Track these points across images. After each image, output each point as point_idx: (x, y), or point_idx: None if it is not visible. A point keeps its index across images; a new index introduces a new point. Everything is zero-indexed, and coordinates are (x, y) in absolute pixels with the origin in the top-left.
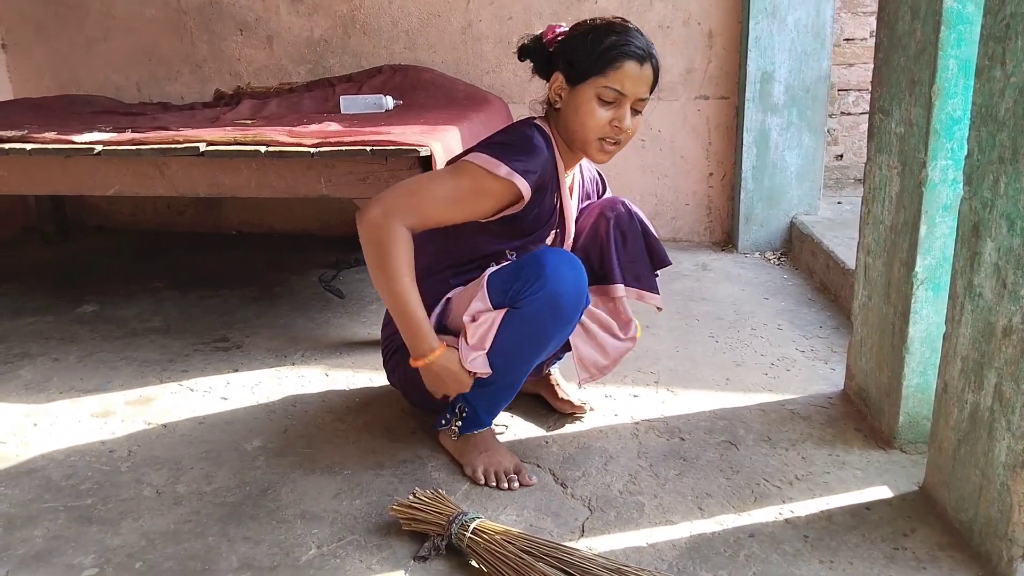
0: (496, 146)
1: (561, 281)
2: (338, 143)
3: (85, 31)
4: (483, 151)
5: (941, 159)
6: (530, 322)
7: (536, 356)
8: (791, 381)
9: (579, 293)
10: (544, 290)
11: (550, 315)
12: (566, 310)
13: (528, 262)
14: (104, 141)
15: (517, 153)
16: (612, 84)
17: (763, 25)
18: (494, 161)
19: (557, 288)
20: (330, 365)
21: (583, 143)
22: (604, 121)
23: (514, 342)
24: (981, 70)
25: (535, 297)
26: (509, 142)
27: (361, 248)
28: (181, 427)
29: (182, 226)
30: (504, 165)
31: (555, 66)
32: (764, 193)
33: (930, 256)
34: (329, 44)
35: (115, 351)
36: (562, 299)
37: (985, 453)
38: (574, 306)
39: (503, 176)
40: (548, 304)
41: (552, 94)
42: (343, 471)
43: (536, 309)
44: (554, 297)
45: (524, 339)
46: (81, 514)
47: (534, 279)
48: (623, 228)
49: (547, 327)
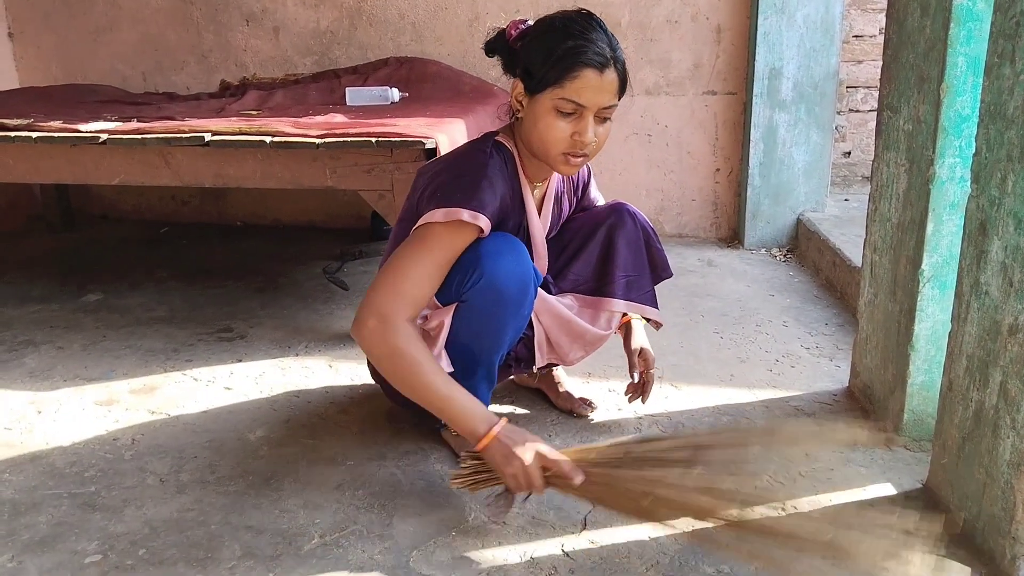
0: (449, 189)
1: (499, 268)
2: (343, 134)
3: (92, 21)
4: (439, 204)
5: (949, 157)
6: (479, 314)
7: (499, 344)
8: (795, 378)
9: (521, 277)
10: (482, 280)
11: (496, 304)
12: (511, 297)
13: (467, 254)
14: (110, 130)
15: (471, 189)
16: (569, 96)
17: (772, 21)
18: (453, 211)
19: (495, 276)
20: (334, 356)
21: (545, 157)
22: (565, 135)
23: (470, 336)
24: (990, 67)
25: (475, 288)
26: (460, 175)
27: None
28: (185, 416)
29: (187, 216)
30: (464, 210)
31: (517, 69)
32: (771, 190)
33: (937, 254)
34: (335, 35)
35: (119, 340)
36: (502, 286)
37: (989, 451)
38: (519, 291)
39: (468, 221)
40: (491, 293)
41: (513, 102)
42: (346, 462)
43: (480, 300)
44: (494, 286)
45: (479, 331)
46: (85, 501)
47: (472, 270)
48: (627, 237)
49: (496, 316)
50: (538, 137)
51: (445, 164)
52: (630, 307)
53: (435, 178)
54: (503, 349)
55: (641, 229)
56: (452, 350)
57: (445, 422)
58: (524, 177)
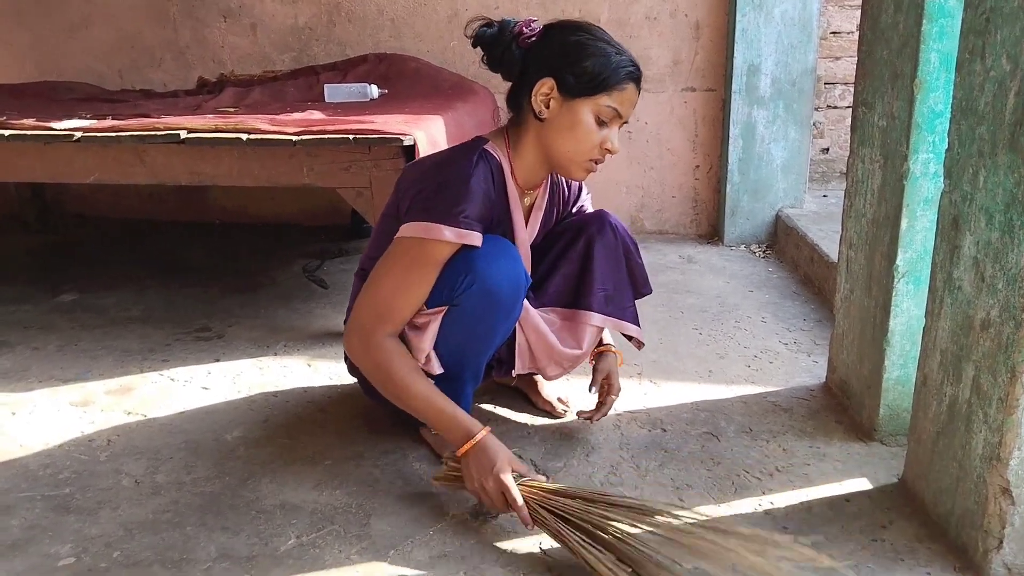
0: (430, 202)
1: (493, 273)
2: (321, 131)
3: (67, 17)
4: (419, 217)
5: (922, 152)
6: (471, 318)
7: (487, 348)
8: (774, 373)
9: (514, 283)
10: (476, 285)
11: (488, 309)
12: (504, 302)
13: (459, 258)
14: (83, 128)
15: (453, 201)
16: (615, 105)
17: (750, 17)
18: (435, 227)
19: (489, 281)
20: (312, 356)
21: (568, 162)
22: (597, 142)
23: (460, 339)
24: (961, 63)
25: (469, 292)
26: (445, 186)
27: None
28: (161, 417)
29: (164, 215)
30: (447, 228)
31: (535, 69)
32: (750, 186)
33: (911, 249)
34: (314, 32)
35: (95, 340)
36: (496, 292)
37: (963, 445)
38: (511, 296)
39: (451, 240)
40: (484, 299)
41: (537, 103)
42: (323, 461)
43: (473, 305)
44: (488, 291)
45: (469, 335)
46: (59, 503)
47: (465, 273)
48: (606, 250)
49: (488, 320)
50: (573, 141)
51: (430, 170)
52: (607, 321)
53: (418, 184)
54: (491, 351)
55: (621, 242)
56: (441, 351)
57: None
58: (515, 185)
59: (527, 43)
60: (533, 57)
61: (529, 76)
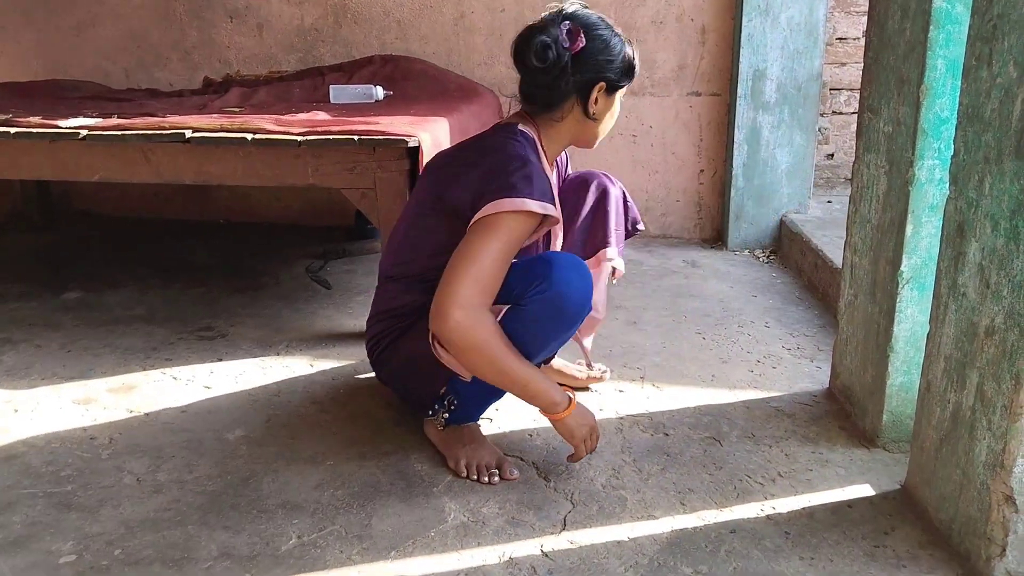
0: (503, 181)
1: (568, 284)
2: (326, 132)
3: (74, 16)
4: (500, 195)
5: (928, 159)
6: (532, 321)
7: (535, 355)
8: (777, 378)
9: (584, 298)
10: (550, 291)
11: (553, 317)
12: (570, 313)
13: (537, 262)
14: (89, 126)
15: (525, 179)
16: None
17: (756, 22)
18: (520, 200)
19: (563, 290)
20: (315, 356)
21: (596, 140)
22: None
23: (517, 340)
24: (968, 70)
25: (540, 297)
26: (510, 165)
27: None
28: (163, 415)
29: (169, 213)
30: (530, 200)
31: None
32: (754, 191)
33: (916, 256)
34: (320, 33)
35: (98, 338)
36: (567, 302)
37: (966, 452)
38: (578, 311)
39: (537, 211)
40: (552, 305)
41: (595, 108)
42: (326, 462)
43: (539, 309)
44: (559, 299)
45: (523, 338)
46: (60, 500)
47: (541, 279)
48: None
49: (548, 328)
50: (609, 124)
51: (481, 155)
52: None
53: (476, 169)
54: (536, 361)
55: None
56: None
57: (523, 400)
58: (545, 161)
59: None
60: (580, 64)
61: (573, 79)
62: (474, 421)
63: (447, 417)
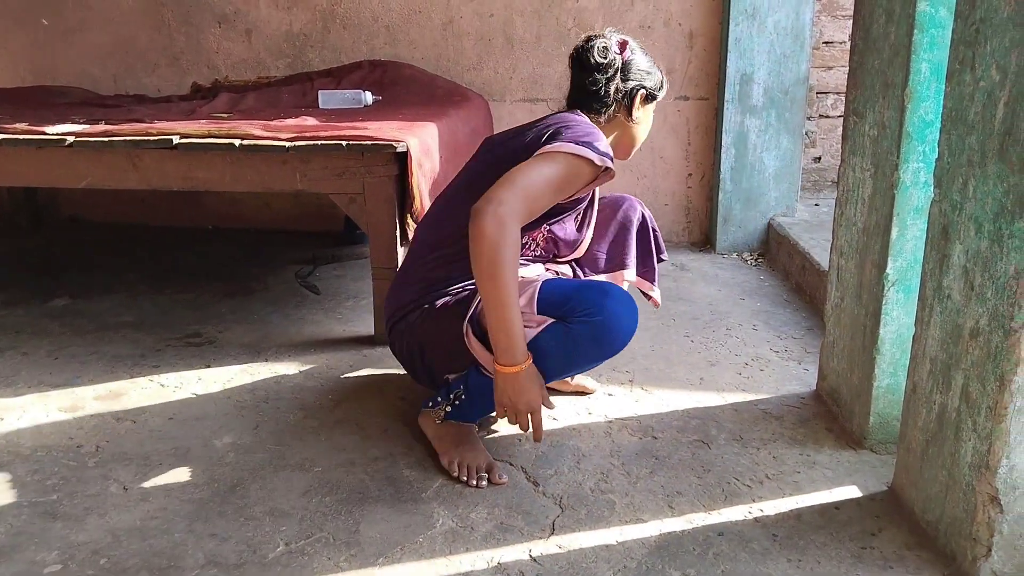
0: (570, 135)
1: (619, 319)
2: (314, 137)
3: (62, 22)
4: (567, 140)
5: (913, 162)
6: (573, 341)
7: (561, 374)
8: (764, 381)
9: (628, 336)
10: (599, 317)
11: (595, 343)
12: (610, 345)
13: (592, 287)
14: (76, 132)
15: (594, 140)
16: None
17: (743, 27)
18: (583, 149)
19: (612, 322)
20: (304, 362)
21: (635, 147)
22: None
23: (550, 354)
24: (952, 74)
25: (590, 321)
26: (583, 132)
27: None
28: (151, 423)
29: (158, 219)
30: (593, 152)
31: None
32: (742, 194)
33: (901, 258)
34: (308, 38)
35: (86, 345)
36: (612, 335)
37: (952, 454)
38: (619, 346)
39: (596, 162)
40: (599, 332)
41: (639, 112)
42: (313, 468)
43: (585, 332)
44: (606, 329)
45: (557, 351)
46: (46, 510)
47: (594, 305)
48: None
49: (586, 352)
50: (646, 132)
51: (546, 119)
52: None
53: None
54: (559, 378)
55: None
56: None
57: (492, 330)
58: None
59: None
60: (623, 72)
61: (620, 84)
62: (472, 422)
63: (448, 411)
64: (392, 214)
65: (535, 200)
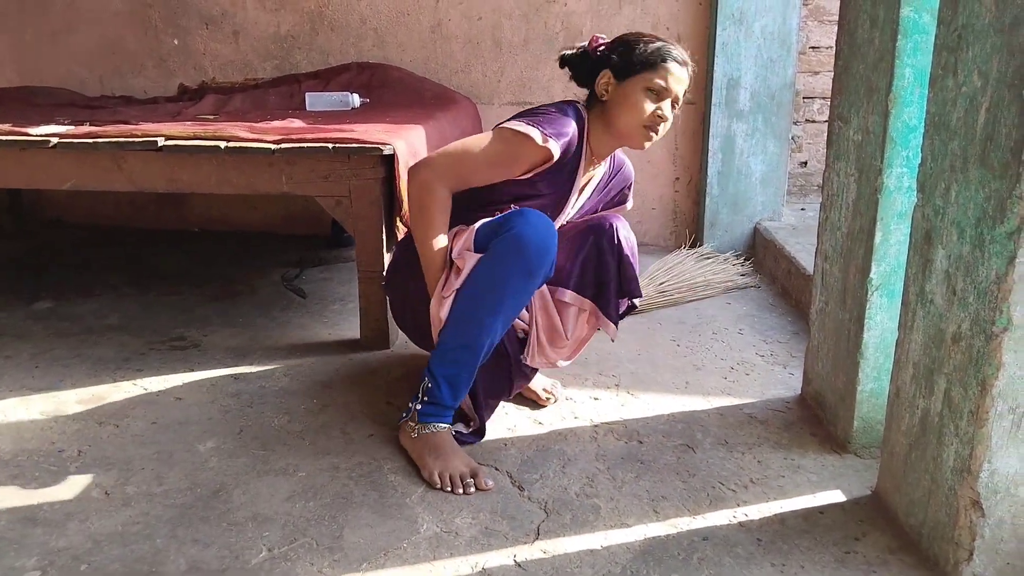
0: (530, 115)
1: (530, 226)
2: (300, 140)
3: (48, 22)
4: (519, 119)
5: (897, 167)
6: (495, 259)
7: (495, 310)
8: (750, 385)
9: (544, 245)
10: (512, 231)
11: (513, 255)
12: (529, 254)
13: (511, 214)
14: (60, 134)
15: (549, 122)
16: (659, 78)
17: (730, 32)
18: (529, 128)
19: (524, 231)
20: (290, 366)
21: (629, 130)
22: (650, 111)
23: (480, 284)
24: (935, 79)
25: (501, 239)
26: (543, 113)
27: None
28: (133, 427)
29: (143, 222)
30: (538, 131)
31: (600, 67)
32: (729, 199)
33: (885, 263)
34: (296, 40)
35: (69, 349)
36: (524, 241)
37: (934, 458)
38: (537, 253)
39: (538, 142)
40: (513, 244)
41: (599, 88)
42: (297, 473)
43: (501, 247)
44: (519, 238)
45: (487, 275)
46: (26, 515)
47: (508, 222)
48: (601, 246)
49: (509, 270)
50: (628, 112)
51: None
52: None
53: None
54: (498, 319)
55: (619, 245)
56: (459, 299)
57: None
58: (588, 148)
59: (596, 51)
60: (598, 60)
61: (596, 73)
62: (447, 420)
63: (420, 409)
64: (379, 217)
65: (466, 168)
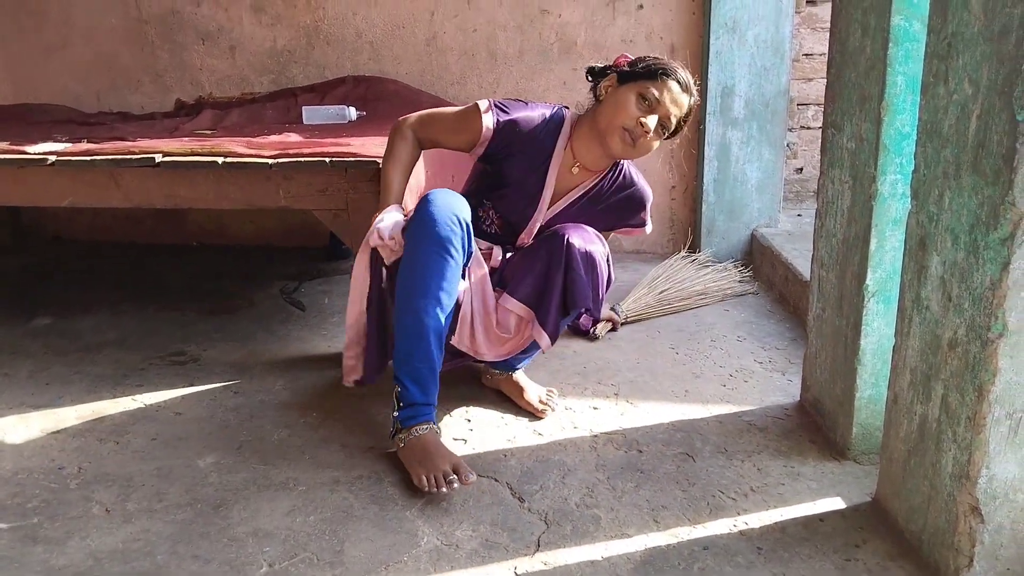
0: (503, 100)
1: (434, 204)
2: (297, 154)
3: (44, 39)
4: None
5: (890, 174)
6: (411, 247)
7: (423, 292)
8: (749, 392)
9: (448, 216)
10: (417, 213)
11: (421, 234)
12: (435, 229)
13: (422, 198)
14: (58, 152)
15: (510, 105)
16: (652, 89)
17: (723, 40)
18: (486, 102)
19: (428, 209)
20: (289, 379)
21: (608, 128)
22: (633, 115)
23: (403, 272)
24: (926, 87)
25: (412, 220)
26: (518, 100)
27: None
28: (133, 443)
29: (142, 237)
30: (489, 105)
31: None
32: (725, 206)
33: (880, 269)
34: (292, 54)
35: (68, 365)
36: (431, 217)
37: (933, 464)
38: (444, 226)
39: (482, 110)
40: (419, 224)
41: (600, 89)
42: (297, 487)
43: (413, 231)
44: (424, 217)
45: (408, 267)
46: (26, 533)
47: (416, 210)
48: (550, 260)
49: (421, 248)
50: (613, 109)
51: None
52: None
53: None
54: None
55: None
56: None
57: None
58: (568, 149)
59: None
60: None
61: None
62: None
63: (398, 416)
64: None
65: (434, 122)
